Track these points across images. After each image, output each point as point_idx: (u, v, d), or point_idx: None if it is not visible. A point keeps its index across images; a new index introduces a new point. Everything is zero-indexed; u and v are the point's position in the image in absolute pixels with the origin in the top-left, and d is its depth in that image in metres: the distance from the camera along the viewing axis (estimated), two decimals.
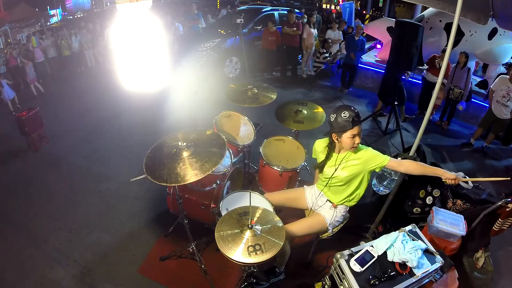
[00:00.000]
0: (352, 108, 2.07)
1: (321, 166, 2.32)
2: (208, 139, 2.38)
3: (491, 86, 4.77)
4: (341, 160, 2.19)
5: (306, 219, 2.41)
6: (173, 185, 2.04)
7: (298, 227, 2.30)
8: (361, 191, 2.31)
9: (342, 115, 2.03)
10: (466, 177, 3.05)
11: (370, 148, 2.19)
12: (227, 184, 2.89)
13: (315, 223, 2.36)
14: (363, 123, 5.15)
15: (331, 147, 2.25)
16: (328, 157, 2.27)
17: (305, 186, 2.60)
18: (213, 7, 13.58)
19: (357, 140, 2.08)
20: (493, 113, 4.66)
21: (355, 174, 2.20)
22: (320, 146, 2.36)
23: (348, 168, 2.19)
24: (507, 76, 4.54)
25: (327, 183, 2.30)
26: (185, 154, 2.18)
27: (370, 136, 5.15)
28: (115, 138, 4.90)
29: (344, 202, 2.34)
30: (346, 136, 2.07)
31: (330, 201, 2.38)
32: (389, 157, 2.15)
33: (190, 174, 2.04)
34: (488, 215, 2.58)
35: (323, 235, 2.43)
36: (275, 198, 2.53)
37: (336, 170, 2.21)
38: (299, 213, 2.65)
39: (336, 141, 2.16)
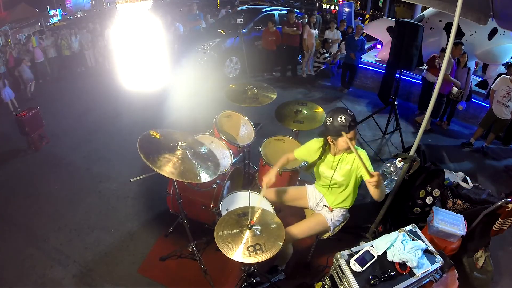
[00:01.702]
0: (348, 111, 2.05)
1: (312, 166, 2.34)
2: (206, 157, 2.36)
3: (492, 86, 4.77)
4: (338, 163, 2.20)
5: (308, 221, 2.41)
6: (158, 171, 2.00)
7: (301, 229, 2.30)
8: (355, 193, 2.32)
9: (339, 119, 2.01)
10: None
11: (364, 153, 2.11)
12: (227, 184, 2.89)
13: (317, 225, 2.36)
14: (363, 123, 5.22)
15: (325, 148, 2.25)
16: (322, 158, 2.28)
17: (306, 185, 2.61)
18: (213, 7, 13.58)
19: (353, 143, 2.07)
20: (494, 113, 4.66)
21: (349, 177, 2.21)
22: (316, 145, 2.34)
23: (342, 171, 2.20)
24: (508, 76, 4.54)
25: (329, 186, 2.31)
26: (178, 153, 2.18)
27: (370, 136, 5.15)
28: (115, 138, 4.90)
29: (341, 205, 2.35)
30: (342, 140, 2.06)
31: (326, 206, 2.39)
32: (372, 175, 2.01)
33: (170, 170, 2.03)
34: (488, 215, 2.58)
35: (324, 235, 2.44)
36: (275, 195, 2.53)
37: (334, 172, 2.22)
38: (299, 212, 2.65)
39: (331, 143, 2.16)
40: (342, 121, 2.01)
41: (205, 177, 2.13)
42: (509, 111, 4.54)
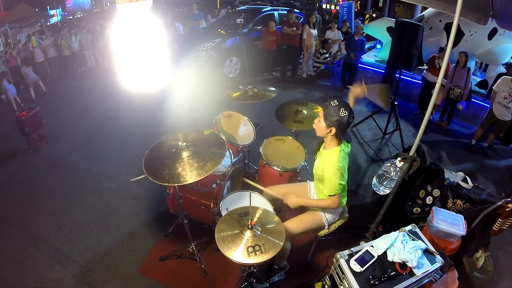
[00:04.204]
0: (335, 98, 2.12)
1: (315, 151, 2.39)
2: (207, 139, 2.37)
3: (493, 87, 4.76)
4: (322, 157, 2.23)
5: (303, 216, 2.41)
6: (174, 185, 2.03)
7: (296, 225, 2.30)
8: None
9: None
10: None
11: (334, 172, 2.08)
12: (227, 184, 2.89)
13: (311, 220, 2.37)
14: (363, 123, 5.22)
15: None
16: (321, 147, 2.33)
17: (308, 181, 2.62)
18: (213, 7, 13.58)
19: (316, 121, 2.16)
20: (494, 114, 4.65)
21: (322, 178, 2.21)
22: None
23: (316, 169, 2.26)
24: (510, 77, 4.52)
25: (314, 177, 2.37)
26: (184, 154, 2.17)
27: (370, 136, 5.16)
28: (115, 138, 4.90)
29: None
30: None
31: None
32: (329, 194, 2.14)
33: (190, 174, 2.03)
34: (488, 215, 2.58)
35: (321, 232, 2.43)
36: (277, 191, 2.52)
37: (315, 163, 2.31)
38: (299, 212, 2.64)
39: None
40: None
41: (222, 153, 2.18)
42: (510, 112, 4.52)
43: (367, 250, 2.01)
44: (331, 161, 2.10)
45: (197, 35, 8.00)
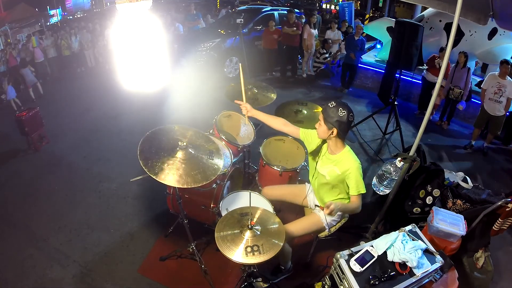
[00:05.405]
0: (333, 100, 2.12)
1: (313, 153, 2.32)
2: (209, 151, 2.30)
3: (481, 86, 4.77)
4: (331, 162, 2.18)
5: (303, 219, 2.42)
6: (154, 178, 1.96)
7: (296, 228, 2.31)
8: (343, 199, 2.29)
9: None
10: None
11: (357, 169, 2.10)
12: (227, 184, 2.89)
13: (312, 223, 2.37)
14: (363, 123, 5.22)
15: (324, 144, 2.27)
16: (320, 152, 2.27)
17: (306, 183, 2.62)
18: (213, 7, 13.58)
19: (317, 125, 2.16)
20: (486, 111, 4.67)
21: (336, 181, 2.18)
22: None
23: (330, 174, 2.18)
24: (496, 72, 4.54)
25: (317, 182, 2.32)
26: (179, 154, 2.12)
27: (370, 136, 5.15)
28: (115, 138, 4.90)
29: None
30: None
31: (317, 205, 2.41)
32: (358, 193, 2.10)
33: (173, 178, 1.98)
34: (488, 215, 2.58)
35: (321, 234, 2.44)
36: (275, 193, 2.54)
37: (316, 165, 2.25)
38: (298, 210, 2.65)
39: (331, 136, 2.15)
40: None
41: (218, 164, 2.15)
42: (502, 106, 4.54)
43: (367, 250, 2.02)
44: (350, 162, 2.09)
45: (197, 35, 8.01)
